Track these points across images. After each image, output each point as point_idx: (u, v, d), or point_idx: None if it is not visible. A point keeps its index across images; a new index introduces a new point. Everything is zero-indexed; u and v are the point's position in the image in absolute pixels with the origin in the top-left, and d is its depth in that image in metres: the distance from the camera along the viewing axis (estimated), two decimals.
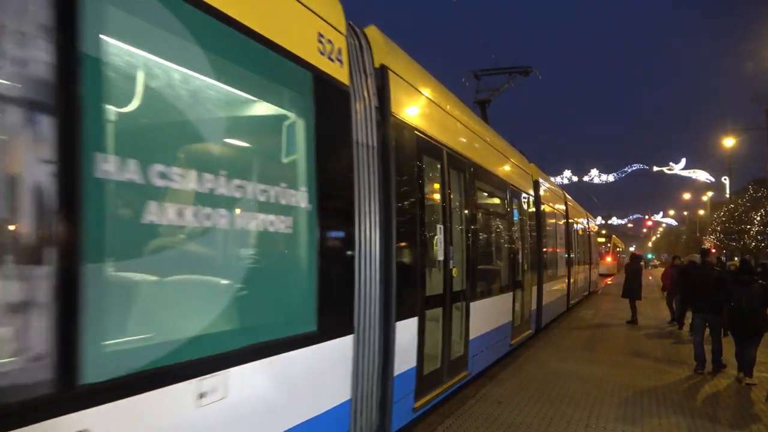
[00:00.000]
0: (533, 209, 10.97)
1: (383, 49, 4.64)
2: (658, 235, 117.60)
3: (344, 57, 3.95)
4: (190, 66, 2.61)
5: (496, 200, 8.48)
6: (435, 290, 5.48)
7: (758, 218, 36.68)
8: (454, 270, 5.95)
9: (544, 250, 11.73)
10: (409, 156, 4.91)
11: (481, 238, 7.32)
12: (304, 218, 3.33)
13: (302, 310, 3.38)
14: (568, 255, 15.74)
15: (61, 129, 1.89)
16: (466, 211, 6.57)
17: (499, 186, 8.47)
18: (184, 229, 2.49)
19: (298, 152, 3.39)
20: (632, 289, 14.24)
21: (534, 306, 10.56)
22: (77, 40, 1.97)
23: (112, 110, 2.17)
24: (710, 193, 58.70)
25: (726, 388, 7.44)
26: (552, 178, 15.03)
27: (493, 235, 8.22)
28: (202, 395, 2.51)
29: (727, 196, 47.93)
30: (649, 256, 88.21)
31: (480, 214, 7.32)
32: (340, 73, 3.86)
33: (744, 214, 39.87)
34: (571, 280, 15.92)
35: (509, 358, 8.61)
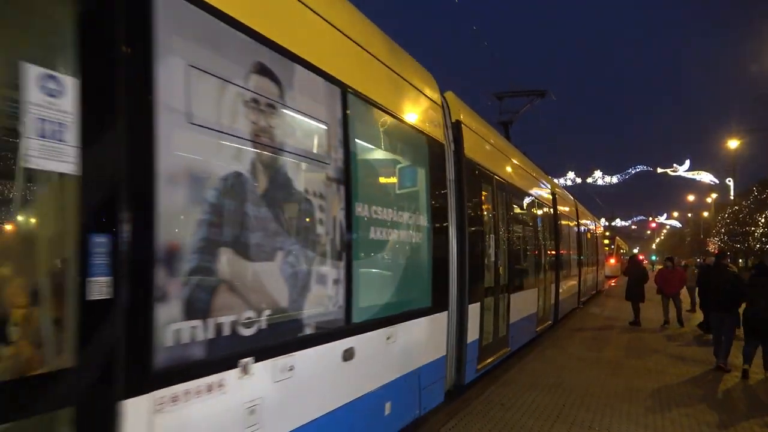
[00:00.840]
0: (552, 218, 13.04)
1: (457, 108, 6.45)
2: (662, 237, 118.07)
3: (441, 120, 5.84)
4: (383, 147, 4.62)
5: (527, 212, 10.42)
6: (489, 284, 7.18)
7: (762, 220, 37.49)
8: (501, 269, 7.74)
9: (561, 252, 13.72)
10: (472, 184, 6.66)
11: (517, 243, 9.22)
12: (425, 235, 5.18)
13: (425, 291, 5.19)
14: (579, 257, 17.75)
15: (345, 194, 3.77)
16: (507, 223, 8.39)
17: (529, 201, 10.49)
18: (381, 243, 4.38)
19: (422, 189, 5.19)
20: (635, 291, 14.35)
21: (553, 301, 12.50)
22: (353, 150, 3.89)
23: (360, 182, 4.01)
24: (714, 195, 59.18)
25: (732, 389, 7.45)
26: (555, 180, 16.76)
27: (525, 240, 10.05)
28: (389, 337, 4.38)
29: (732, 197, 48.39)
30: (653, 258, 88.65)
31: (516, 224, 9.19)
32: (439, 133, 5.71)
33: (748, 215, 40.70)
34: (582, 279, 17.99)
35: (513, 359, 8.67)
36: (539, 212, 11.29)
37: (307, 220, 3.39)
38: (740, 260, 47.49)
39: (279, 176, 3.13)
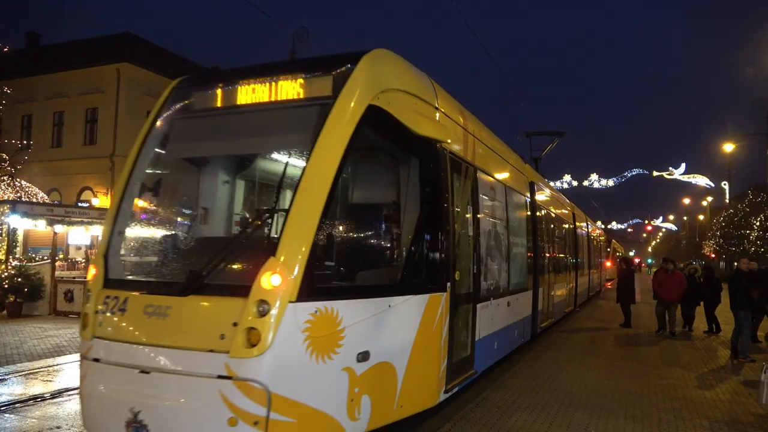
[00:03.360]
0: (573, 232, 17.57)
1: (530, 173, 11.31)
2: (658, 240, 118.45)
3: (527, 184, 10.66)
4: (514, 205, 9.26)
5: (562, 231, 15.23)
6: (544, 277, 11.67)
7: (758, 223, 37.68)
8: (550, 268, 12.52)
9: (578, 257, 18.24)
10: (539, 219, 11.40)
11: (556, 252, 13.92)
12: (524, 249, 9.99)
13: (525, 278, 9.79)
14: (589, 260, 22.05)
15: (506, 230, 8.56)
16: (552, 239, 13.28)
17: (563, 223, 15.44)
18: (515, 254, 9.04)
19: (523, 225, 10.06)
20: (625, 293, 14.42)
21: (574, 292, 16.98)
22: (508, 210, 8.72)
23: (510, 222, 8.78)
24: (710, 198, 59.43)
25: (721, 392, 7.54)
26: (552, 183, 20.50)
27: (560, 249, 14.73)
28: (517, 299, 9.00)
29: (727, 201, 48.59)
30: (649, 261, 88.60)
31: (556, 239, 13.98)
32: (526, 191, 10.54)
33: (744, 219, 40.93)
34: (592, 277, 22.88)
35: (509, 363, 8.78)
36: (567, 229, 16.27)
37: (502, 243, 8.18)
38: (735, 264, 47.53)
39: (497, 226, 7.94)
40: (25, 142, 26.47)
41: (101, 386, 4.24)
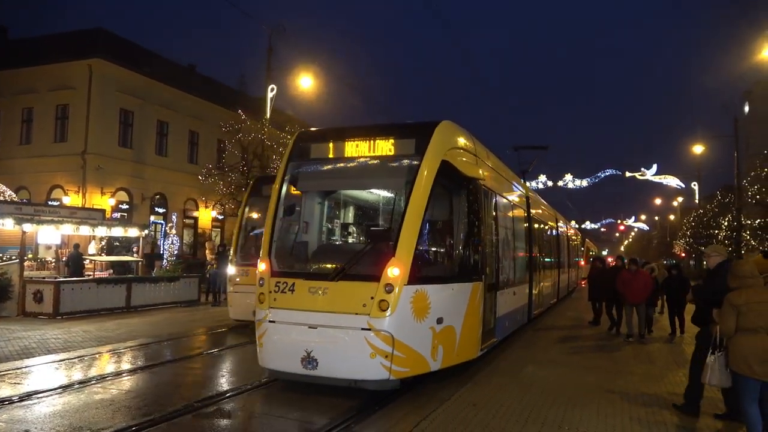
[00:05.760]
0: (556, 235, 20.05)
1: (525, 188, 14.16)
2: (630, 240, 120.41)
3: (525, 197, 13.62)
4: (521, 214, 12.62)
5: (551, 236, 18.67)
6: (539, 271, 14.58)
7: (726, 223, 38.62)
8: (541, 267, 15.21)
9: (562, 258, 20.89)
10: (534, 227, 14.28)
11: (545, 253, 16.90)
12: (523, 249, 12.50)
13: (524, 274, 12.34)
14: (569, 259, 24.48)
15: (513, 237, 11.29)
16: (542, 244, 16.18)
17: (550, 226, 18.39)
18: (519, 255, 11.97)
19: (524, 230, 12.93)
20: (598, 291, 14.18)
21: (557, 287, 19.53)
22: (511, 219, 11.34)
23: (515, 229, 11.58)
24: (680, 199, 60.50)
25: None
26: (527, 183, 21.48)
27: (549, 251, 17.82)
28: (520, 290, 11.81)
29: (697, 201, 49.67)
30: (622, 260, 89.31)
31: (545, 243, 17.01)
32: (525, 204, 13.39)
33: (712, 219, 41.97)
34: (571, 275, 25.58)
35: (483, 363, 8.68)
36: (552, 233, 18.96)
37: (510, 246, 10.71)
38: (704, 262, 48.69)
39: (507, 233, 10.45)
40: None
41: (278, 337, 6.75)
